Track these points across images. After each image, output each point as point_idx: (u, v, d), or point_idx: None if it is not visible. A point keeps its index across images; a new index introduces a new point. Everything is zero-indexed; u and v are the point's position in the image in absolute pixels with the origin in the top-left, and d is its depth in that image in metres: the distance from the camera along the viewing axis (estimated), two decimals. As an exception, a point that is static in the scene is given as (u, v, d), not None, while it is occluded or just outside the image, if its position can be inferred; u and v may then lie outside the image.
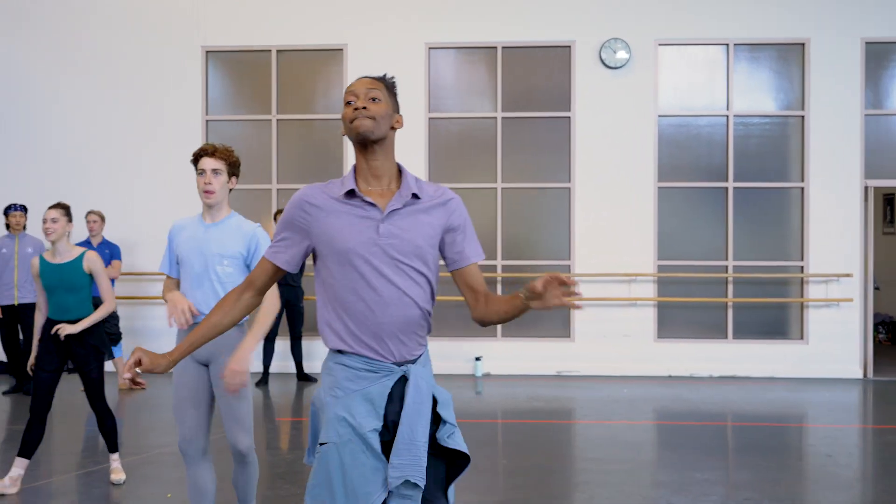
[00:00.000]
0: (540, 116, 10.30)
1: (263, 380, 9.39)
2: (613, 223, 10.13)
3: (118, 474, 5.49)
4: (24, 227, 8.87)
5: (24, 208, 8.85)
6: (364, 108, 2.42)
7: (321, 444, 2.42)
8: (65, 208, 5.37)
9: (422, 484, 2.37)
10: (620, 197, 10.12)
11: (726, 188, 10.14)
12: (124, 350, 9.60)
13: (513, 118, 10.29)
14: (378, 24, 10.28)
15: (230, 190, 3.97)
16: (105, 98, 10.47)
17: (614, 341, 10.08)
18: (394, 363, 2.45)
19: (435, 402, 2.52)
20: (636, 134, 10.12)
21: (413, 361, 2.47)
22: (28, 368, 5.41)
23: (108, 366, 9.67)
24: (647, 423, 7.81)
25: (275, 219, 9.66)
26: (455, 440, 2.52)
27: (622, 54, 10.03)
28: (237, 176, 4.05)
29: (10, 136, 10.61)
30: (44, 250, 8.94)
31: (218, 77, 10.59)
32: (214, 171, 3.94)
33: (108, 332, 8.92)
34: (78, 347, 5.26)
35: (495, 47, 10.24)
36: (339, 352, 2.46)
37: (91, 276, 5.31)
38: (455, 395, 8.88)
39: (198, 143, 10.37)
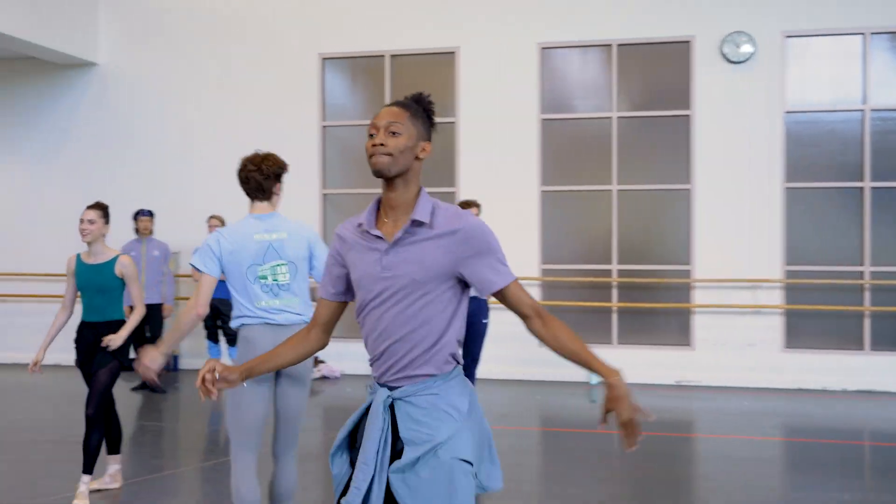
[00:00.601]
0: (658, 115, 9.91)
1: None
2: (736, 226, 9.62)
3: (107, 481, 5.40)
4: (151, 231, 9.26)
5: (150, 213, 9.24)
6: (382, 144, 2.40)
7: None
8: (103, 209, 5.28)
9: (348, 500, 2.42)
10: (744, 199, 9.60)
11: (862, 188, 9.44)
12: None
13: (629, 118, 9.95)
14: (490, 25, 10.16)
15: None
16: (226, 106, 10.81)
17: (737, 350, 9.57)
18: (384, 385, 2.48)
19: (397, 440, 2.43)
20: (761, 132, 9.58)
21: (394, 388, 2.45)
22: (30, 367, 5.36)
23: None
24: (772, 440, 7.33)
25: None
26: (413, 495, 2.36)
27: (746, 48, 9.51)
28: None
29: (133, 144, 11.12)
30: (170, 254, 9.36)
31: (335, 83, 10.75)
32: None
33: (227, 333, 9.22)
34: (100, 351, 5.17)
35: (610, 45, 9.92)
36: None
37: (123, 281, 5.23)
38: (568, 403, 8.65)
39: (315, 150, 10.58)
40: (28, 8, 10.04)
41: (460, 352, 2.52)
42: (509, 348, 9.97)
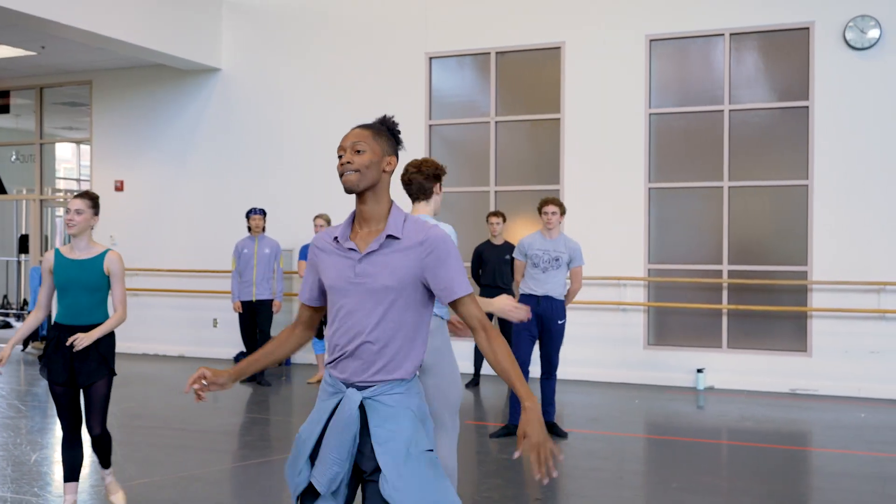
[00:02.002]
0: (774, 107, 9.37)
1: (474, 381, 9.44)
2: (859, 225, 8.97)
3: (116, 495, 4.98)
4: (263, 229, 9.61)
5: (263, 212, 9.60)
6: (349, 161, 2.63)
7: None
8: (92, 199, 4.74)
9: (292, 491, 2.66)
10: (868, 195, 8.94)
11: None
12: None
13: (743, 110, 9.46)
14: (597, 18, 9.91)
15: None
16: (336, 106, 11.07)
17: (858, 358, 8.93)
18: (343, 382, 2.64)
19: (369, 437, 2.60)
20: (887, 123, 8.88)
21: (362, 388, 2.62)
22: None
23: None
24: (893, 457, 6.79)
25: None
26: (402, 496, 2.53)
27: (873, 33, 8.83)
28: None
29: (252, 145, 11.57)
30: (280, 252, 9.70)
31: (441, 81, 10.79)
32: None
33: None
34: (84, 360, 4.61)
35: (723, 34, 9.46)
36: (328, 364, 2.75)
37: (109, 279, 4.69)
38: (673, 409, 8.36)
39: (422, 149, 10.67)
40: (157, 19, 10.65)
41: (421, 360, 2.71)
42: (609, 350, 9.73)
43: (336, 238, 2.70)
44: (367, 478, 2.61)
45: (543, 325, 6.82)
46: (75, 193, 4.83)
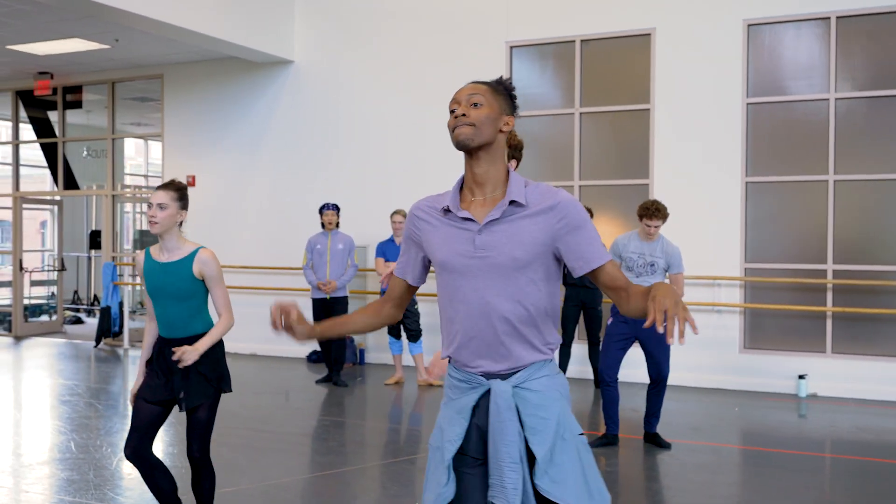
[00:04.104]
0: (884, 96, 8.73)
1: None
2: (982, 222, 8.30)
3: None
4: (337, 225, 9.31)
5: (336, 207, 9.29)
6: (464, 115, 2.35)
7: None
8: (178, 190, 4.01)
9: None
10: None
11: None
12: (424, 348, 9.71)
13: (850, 99, 8.84)
14: (690, 2, 9.36)
15: None
16: (412, 99, 10.70)
17: (981, 366, 8.26)
18: (482, 375, 2.38)
19: (524, 428, 2.35)
20: None
21: (506, 377, 2.37)
22: (129, 398, 4.17)
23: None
24: None
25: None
26: (561, 488, 2.28)
27: None
28: None
29: (325, 139, 11.28)
30: (354, 247, 9.37)
31: (523, 72, 10.35)
32: None
33: (408, 329, 9.12)
34: (186, 378, 3.95)
35: (829, 17, 8.85)
36: (449, 359, 2.47)
37: (204, 283, 3.99)
38: (773, 418, 7.78)
39: (500, 140, 10.22)
40: (230, 10, 10.42)
41: (559, 339, 2.47)
42: (703, 354, 9.19)
43: (446, 208, 2.41)
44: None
45: (645, 334, 6.33)
46: (159, 185, 4.14)
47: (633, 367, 8.49)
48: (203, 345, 3.88)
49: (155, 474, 3.96)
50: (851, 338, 8.83)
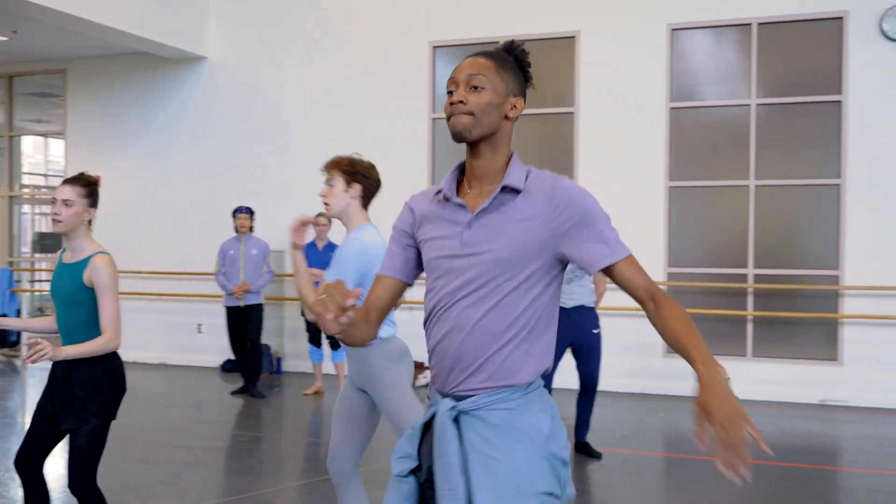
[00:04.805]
0: (804, 102, 8.84)
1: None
2: (894, 226, 8.47)
3: None
4: (251, 229, 8.91)
5: (250, 210, 8.89)
6: (461, 101, 1.98)
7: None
8: (88, 185, 3.58)
9: None
10: (905, 195, 8.45)
11: None
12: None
13: (771, 105, 8.93)
14: (614, 6, 9.32)
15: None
16: (333, 99, 10.39)
17: (893, 368, 8.43)
18: (440, 392, 2.03)
19: (468, 465, 1.97)
20: (927, 119, 8.40)
21: (465, 397, 1.98)
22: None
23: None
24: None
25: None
26: None
27: (910, 24, 8.35)
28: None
29: (242, 139, 10.84)
30: (269, 252, 8.98)
31: (446, 73, 10.14)
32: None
33: (328, 337, 8.77)
34: (63, 395, 3.49)
35: (750, 24, 8.92)
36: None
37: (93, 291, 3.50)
38: (692, 422, 7.59)
39: (425, 144, 10.02)
40: (139, 4, 9.90)
41: (550, 363, 2.04)
42: (626, 359, 9.15)
43: (440, 192, 2.06)
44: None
45: (579, 339, 6.18)
46: (64, 179, 3.64)
47: (560, 373, 8.36)
48: (65, 351, 3.34)
49: (32, 494, 3.55)
50: (771, 341, 8.91)
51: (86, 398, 3.47)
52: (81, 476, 3.49)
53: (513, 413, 1.97)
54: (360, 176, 3.68)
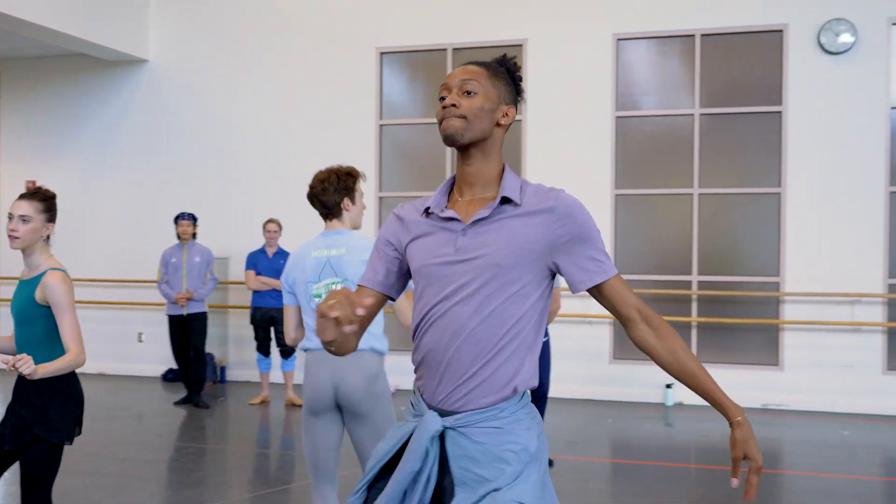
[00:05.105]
0: (745, 112, 9.03)
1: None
2: (832, 235, 8.70)
3: None
4: (194, 236, 8.74)
5: (192, 217, 8.71)
6: (454, 105, 1.98)
7: None
8: (46, 200, 3.47)
9: None
10: (842, 204, 8.68)
11: (978, 193, 8.46)
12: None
13: (713, 115, 9.10)
14: (561, 15, 9.40)
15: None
16: (279, 104, 10.26)
17: (832, 372, 8.65)
18: (427, 403, 2.00)
19: (445, 474, 1.97)
20: (862, 130, 8.64)
21: (451, 413, 1.95)
22: None
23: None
24: (874, 479, 6.44)
25: None
26: None
27: (846, 37, 8.58)
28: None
29: (184, 144, 10.64)
30: (213, 260, 8.81)
31: (392, 79, 10.11)
32: None
33: (281, 345, 8.66)
34: (10, 414, 3.40)
35: (693, 35, 9.08)
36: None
37: (48, 310, 3.39)
38: (642, 429, 7.80)
39: (371, 150, 9.97)
40: (77, 3, 9.63)
41: (538, 376, 2.05)
42: (574, 365, 9.21)
43: (427, 209, 2.05)
44: None
45: None
46: (21, 193, 3.51)
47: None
48: (43, 368, 3.19)
49: None
50: (714, 347, 9.07)
51: (30, 419, 3.34)
52: (32, 501, 3.36)
53: (501, 432, 1.96)
54: None
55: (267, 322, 8.76)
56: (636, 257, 9.32)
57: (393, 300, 2.17)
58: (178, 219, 8.68)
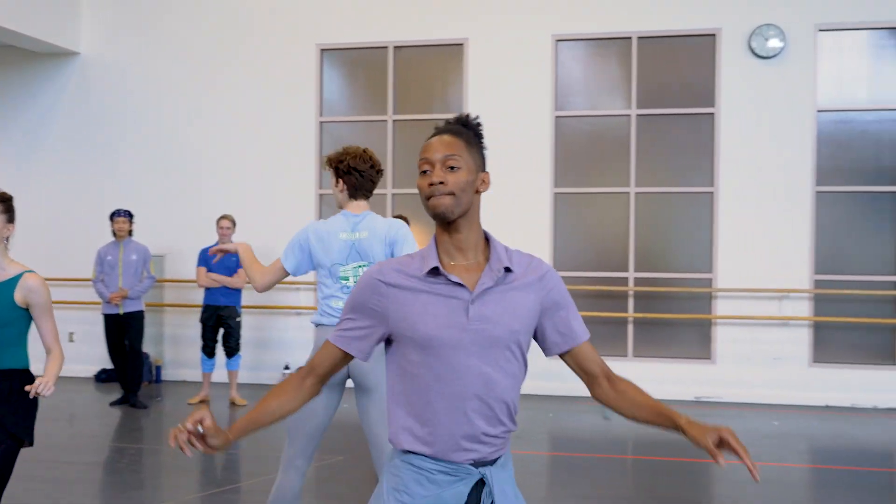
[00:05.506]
0: (679, 113, 9.30)
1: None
2: (762, 233, 9.02)
3: None
4: (130, 233, 8.57)
5: (128, 214, 8.55)
6: (441, 182, 2.06)
7: None
8: (4, 202, 3.57)
9: None
10: (771, 203, 9.01)
11: (897, 193, 8.88)
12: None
13: (649, 115, 9.33)
14: (501, 15, 9.52)
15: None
16: (216, 99, 10.13)
17: (762, 365, 8.98)
18: (471, 464, 2.10)
19: None
20: (791, 132, 8.99)
21: (492, 462, 2.13)
22: None
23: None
24: (799, 463, 6.73)
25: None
26: None
27: (775, 42, 8.91)
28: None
29: (117, 140, 10.42)
30: (150, 257, 8.65)
31: (333, 76, 10.08)
32: None
33: (228, 346, 8.55)
34: None
35: (630, 38, 9.30)
36: (408, 451, 2.12)
37: (26, 312, 3.48)
38: (579, 422, 7.97)
39: (312, 147, 9.92)
40: (4, -9, 9.33)
41: None
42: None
43: (434, 269, 2.09)
44: None
45: None
46: None
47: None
48: (51, 376, 3.33)
49: None
50: (650, 341, 9.31)
51: (8, 421, 3.36)
52: None
53: (510, 472, 2.21)
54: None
55: (215, 321, 8.63)
56: (574, 255, 9.50)
57: (363, 361, 2.23)
58: (113, 215, 8.51)
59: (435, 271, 2.09)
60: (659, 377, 9.11)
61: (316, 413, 3.66)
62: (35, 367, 3.61)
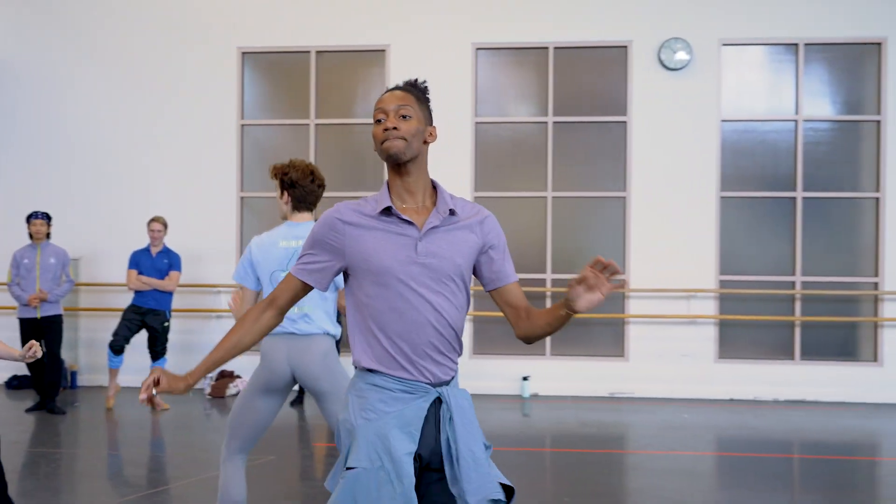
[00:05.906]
0: (593, 121, 9.69)
1: (298, 399, 8.86)
2: (671, 235, 9.48)
3: None
4: (48, 236, 8.42)
5: (46, 216, 8.39)
6: (395, 127, 2.35)
7: (348, 469, 2.32)
8: None
9: (502, 497, 2.37)
10: (679, 207, 9.48)
11: (794, 198, 9.45)
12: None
13: (564, 123, 9.69)
14: (422, 23, 9.73)
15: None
16: (133, 101, 10.02)
17: (671, 361, 9.42)
18: (428, 384, 2.36)
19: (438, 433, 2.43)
20: (697, 140, 9.48)
21: (447, 383, 2.40)
22: None
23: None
24: (706, 452, 7.13)
25: None
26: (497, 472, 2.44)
27: (682, 55, 9.39)
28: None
29: (36, 143, 10.19)
30: (68, 260, 8.52)
31: (254, 80, 10.10)
32: None
33: (154, 351, 8.45)
34: None
35: (546, 48, 9.64)
36: (371, 371, 2.36)
37: None
38: (500, 418, 8.22)
39: (233, 150, 9.92)
40: None
41: None
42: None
43: (387, 208, 2.35)
44: (430, 469, 2.39)
45: None
46: None
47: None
48: None
49: None
50: (567, 340, 9.64)
51: None
52: None
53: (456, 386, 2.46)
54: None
55: (139, 324, 8.51)
56: (494, 257, 9.75)
57: (322, 291, 2.54)
58: (30, 218, 8.33)
59: (387, 211, 2.35)
60: (574, 374, 9.47)
61: (259, 410, 3.82)
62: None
